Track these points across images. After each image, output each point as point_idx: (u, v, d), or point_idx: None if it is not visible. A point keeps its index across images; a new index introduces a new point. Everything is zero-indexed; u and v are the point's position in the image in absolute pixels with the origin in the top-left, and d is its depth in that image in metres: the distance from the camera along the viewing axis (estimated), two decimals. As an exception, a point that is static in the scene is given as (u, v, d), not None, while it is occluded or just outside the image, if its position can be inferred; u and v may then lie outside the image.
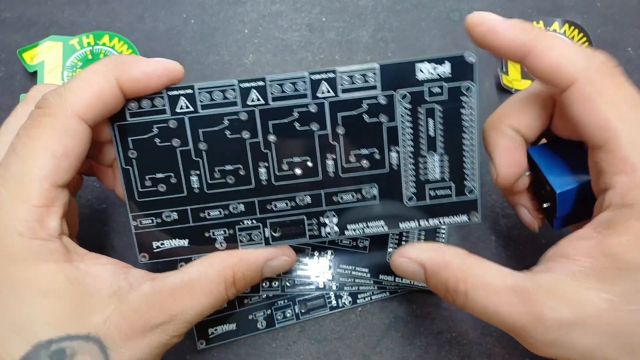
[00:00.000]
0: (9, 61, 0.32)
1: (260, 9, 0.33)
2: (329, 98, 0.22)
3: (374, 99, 0.22)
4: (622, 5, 0.34)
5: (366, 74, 0.22)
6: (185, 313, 0.21)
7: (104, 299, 0.20)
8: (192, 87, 0.21)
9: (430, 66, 0.21)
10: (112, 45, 0.31)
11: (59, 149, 0.19)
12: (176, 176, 0.22)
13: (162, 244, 0.23)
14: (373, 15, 0.33)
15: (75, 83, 0.20)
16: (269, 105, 0.22)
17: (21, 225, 0.19)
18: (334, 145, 0.22)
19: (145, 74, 0.20)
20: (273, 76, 0.21)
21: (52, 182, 0.19)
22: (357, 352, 0.29)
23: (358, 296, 0.29)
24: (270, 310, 0.29)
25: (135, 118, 0.22)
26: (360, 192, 0.23)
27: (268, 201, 0.23)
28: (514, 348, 0.29)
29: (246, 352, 0.29)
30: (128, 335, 0.19)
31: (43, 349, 0.18)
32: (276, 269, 0.24)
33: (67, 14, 0.32)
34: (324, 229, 0.23)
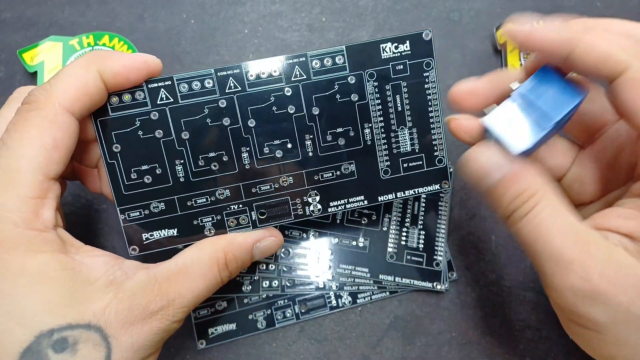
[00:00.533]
0: (9, 61, 0.32)
1: (260, 9, 0.33)
2: (302, 81, 0.23)
3: (345, 80, 0.23)
4: (622, 5, 0.34)
5: (335, 56, 0.23)
6: (182, 297, 0.21)
7: (102, 288, 0.20)
8: (171, 78, 0.22)
9: (393, 46, 0.23)
10: (112, 45, 0.31)
11: (48, 140, 0.20)
12: (161, 167, 0.23)
13: (151, 235, 0.23)
14: (373, 15, 0.33)
15: (60, 77, 0.20)
16: (246, 91, 0.23)
17: (16, 216, 0.19)
18: (311, 125, 0.23)
19: (125, 67, 0.21)
20: (248, 63, 0.23)
21: (44, 174, 0.20)
22: (357, 352, 0.29)
23: (358, 296, 0.29)
24: (270, 310, 0.29)
25: (117, 112, 0.22)
26: (339, 169, 0.24)
27: (252, 185, 0.24)
28: (514, 348, 0.29)
29: (246, 352, 0.29)
30: (128, 322, 0.20)
31: (45, 339, 0.18)
32: (265, 251, 0.24)
33: (67, 14, 0.32)
34: (308, 208, 0.24)
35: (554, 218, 0.19)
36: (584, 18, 0.21)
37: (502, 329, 0.30)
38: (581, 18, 0.21)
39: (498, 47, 0.32)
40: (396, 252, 0.29)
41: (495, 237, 0.31)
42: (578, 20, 0.21)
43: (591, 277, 0.18)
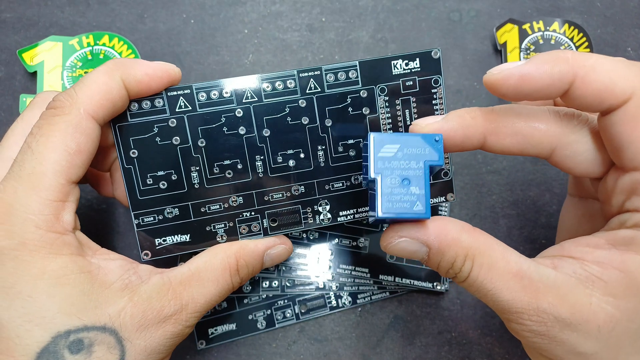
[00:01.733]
0: (9, 61, 0.32)
1: (260, 9, 0.33)
2: (316, 94, 0.23)
3: (357, 93, 0.24)
4: (622, 5, 0.34)
5: (348, 70, 0.23)
6: (195, 301, 0.22)
7: (117, 292, 0.20)
8: (191, 87, 0.23)
9: (403, 62, 0.24)
10: (112, 46, 0.31)
11: (72, 145, 0.20)
12: (177, 173, 0.23)
13: (164, 240, 0.24)
14: (373, 15, 0.33)
15: (85, 84, 0.21)
16: (262, 102, 0.23)
17: (37, 218, 0.19)
18: (323, 136, 0.24)
19: (147, 75, 0.22)
20: (264, 75, 0.23)
21: (66, 178, 0.20)
22: (357, 352, 0.29)
23: (358, 296, 0.29)
24: (270, 310, 0.29)
25: (135, 118, 0.22)
26: (349, 180, 0.24)
27: (265, 193, 0.24)
28: (514, 348, 0.29)
29: (246, 352, 0.29)
30: (142, 325, 0.20)
31: (62, 339, 0.19)
32: (275, 258, 0.25)
33: (67, 14, 0.32)
34: (318, 217, 0.24)
35: (493, 273, 0.19)
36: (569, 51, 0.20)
37: (502, 329, 0.30)
38: (566, 51, 0.20)
39: (498, 47, 0.32)
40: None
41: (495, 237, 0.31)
42: (564, 52, 0.19)
43: (546, 324, 0.19)
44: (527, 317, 0.19)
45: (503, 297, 0.19)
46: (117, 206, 0.31)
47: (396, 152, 0.20)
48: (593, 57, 0.19)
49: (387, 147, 0.20)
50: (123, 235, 0.30)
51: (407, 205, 0.19)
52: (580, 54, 0.19)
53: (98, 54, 0.31)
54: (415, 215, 0.19)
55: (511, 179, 0.31)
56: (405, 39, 0.33)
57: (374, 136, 0.20)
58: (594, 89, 0.19)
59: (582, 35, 0.32)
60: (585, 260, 0.19)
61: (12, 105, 0.31)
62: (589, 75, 0.19)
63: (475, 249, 0.20)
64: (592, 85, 0.19)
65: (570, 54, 0.19)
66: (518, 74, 0.19)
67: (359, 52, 0.32)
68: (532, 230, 0.31)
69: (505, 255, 0.20)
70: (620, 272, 0.18)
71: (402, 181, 0.19)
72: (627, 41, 0.33)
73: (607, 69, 0.19)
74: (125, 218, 0.30)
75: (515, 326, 0.20)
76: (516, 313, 0.19)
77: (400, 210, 0.19)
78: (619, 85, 0.18)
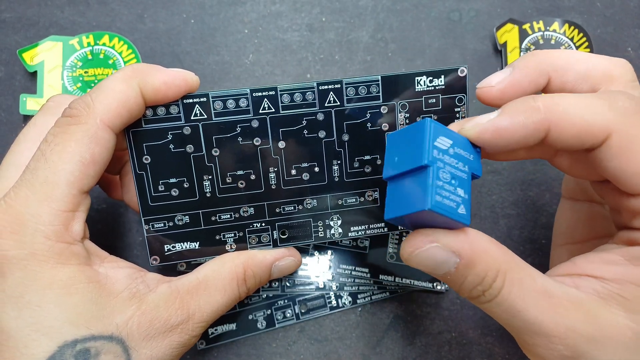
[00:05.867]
0: (9, 61, 0.32)
1: (260, 9, 0.33)
2: (335, 107, 0.23)
3: (377, 109, 0.23)
4: (622, 5, 0.34)
5: (370, 85, 0.23)
6: (202, 311, 0.22)
7: (124, 300, 0.20)
8: (207, 95, 0.22)
9: (427, 79, 0.23)
10: (112, 45, 0.31)
11: (87, 155, 0.20)
12: (189, 181, 0.23)
13: (173, 247, 0.24)
14: (373, 15, 0.33)
15: (102, 91, 0.20)
16: (279, 113, 0.23)
17: (47, 228, 0.19)
18: (340, 151, 0.23)
19: (165, 84, 0.21)
20: (284, 86, 0.23)
21: (78, 188, 0.20)
22: (357, 352, 0.29)
23: (358, 296, 0.29)
24: (270, 310, 0.29)
25: (150, 125, 0.22)
26: (363, 196, 0.24)
27: (277, 205, 0.24)
28: (514, 348, 0.29)
29: (246, 352, 0.29)
30: (149, 335, 0.20)
31: (69, 349, 0.19)
32: (283, 270, 0.25)
33: (67, 14, 0.32)
34: (329, 231, 0.24)
35: (524, 291, 0.18)
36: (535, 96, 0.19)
37: (502, 329, 0.30)
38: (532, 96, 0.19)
39: (498, 47, 0.32)
40: (396, 252, 0.29)
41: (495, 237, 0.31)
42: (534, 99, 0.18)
43: (576, 345, 0.18)
44: (558, 341, 0.18)
45: (533, 317, 0.18)
46: (117, 206, 0.31)
47: (449, 147, 0.18)
48: (564, 99, 0.18)
49: (442, 139, 0.18)
50: (123, 234, 0.30)
51: (453, 206, 0.17)
52: (550, 96, 0.18)
53: (98, 54, 0.31)
54: (458, 218, 0.17)
55: (511, 179, 0.31)
56: (405, 38, 0.33)
57: (431, 123, 0.18)
58: (571, 133, 0.18)
59: (582, 35, 0.32)
60: (604, 279, 0.19)
61: (12, 105, 0.31)
62: (563, 121, 0.18)
63: (507, 264, 0.18)
64: (568, 131, 0.18)
65: (540, 100, 0.18)
66: (492, 128, 0.18)
67: (359, 52, 0.32)
68: (532, 230, 0.31)
69: (531, 272, 0.19)
70: (638, 288, 0.18)
71: (452, 179, 0.18)
72: (627, 41, 0.33)
73: (580, 111, 0.18)
74: (124, 218, 0.30)
75: (543, 351, 0.18)
76: (547, 336, 0.18)
77: (448, 209, 0.17)
78: (596, 125, 0.18)
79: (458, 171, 0.18)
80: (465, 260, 0.18)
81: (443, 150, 0.18)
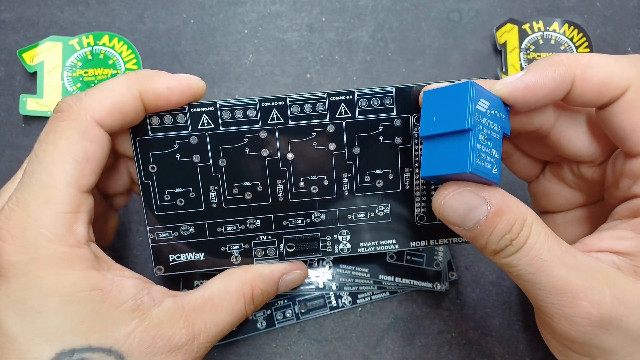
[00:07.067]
0: (9, 61, 0.32)
1: (260, 9, 0.33)
2: (346, 119, 0.22)
3: (391, 122, 0.22)
4: (622, 5, 0.34)
5: (383, 97, 0.22)
6: (208, 331, 0.21)
7: (127, 313, 0.20)
8: (215, 104, 0.22)
9: None
10: (112, 46, 0.31)
11: (79, 153, 0.19)
12: (195, 191, 0.23)
13: (178, 257, 0.23)
14: (373, 15, 0.33)
15: (98, 90, 0.20)
16: (288, 124, 0.22)
17: (49, 231, 0.19)
18: (350, 164, 0.23)
19: (168, 89, 0.21)
20: (293, 96, 0.22)
21: (77, 188, 0.19)
22: (357, 352, 0.29)
23: (358, 296, 0.29)
24: (270, 310, 0.29)
25: (157, 133, 0.22)
26: (373, 211, 0.24)
27: (284, 217, 0.23)
28: (514, 348, 0.29)
29: (246, 352, 0.29)
30: (150, 353, 0.20)
31: (66, 357, 0.18)
32: (290, 284, 0.24)
33: (67, 14, 0.32)
34: (337, 246, 0.24)
35: (549, 247, 0.18)
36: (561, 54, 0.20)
37: (502, 329, 0.30)
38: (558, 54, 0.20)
39: (498, 47, 0.32)
40: (396, 252, 0.29)
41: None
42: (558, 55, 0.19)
43: (602, 304, 0.18)
44: (583, 297, 0.18)
45: (558, 274, 0.18)
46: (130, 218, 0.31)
47: (487, 109, 0.18)
48: (587, 55, 0.19)
49: (482, 101, 0.18)
50: (122, 235, 0.30)
51: (488, 167, 0.18)
52: (574, 54, 0.19)
53: (98, 54, 0.31)
54: (492, 178, 0.18)
55: (511, 179, 0.31)
56: (405, 38, 0.33)
57: (474, 85, 0.18)
58: (593, 85, 0.19)
59: (582, 35, 0.32)
60: (620, 252, 0.19)
61: (12, 105, 0.31)
62: (587, 72, 0.19)
63: (533, 215, 0.19)
64: (591, 82, 0.19)
65: (564, 56, 0.19)
66: (522, 85, 0.19)
67: (358, 52, 0.32)
68: (532, 230, 0.31)
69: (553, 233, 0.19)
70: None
71: (488, 140, 0.18)
72: (627, 41, 0.33)
73: (603, 64, 0.19)
74: (128, 225, 0.30)
75: (569, 312, 0.18)
76: (572, 292, 0.18)
77: (485, 170, 0.18)
78: (616, 77, 0.19)
79: (493, 132, 0.19)
80: (496, 208, 0.18)
81: (482, 113, 0.18)
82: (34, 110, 0.30)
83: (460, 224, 0.19)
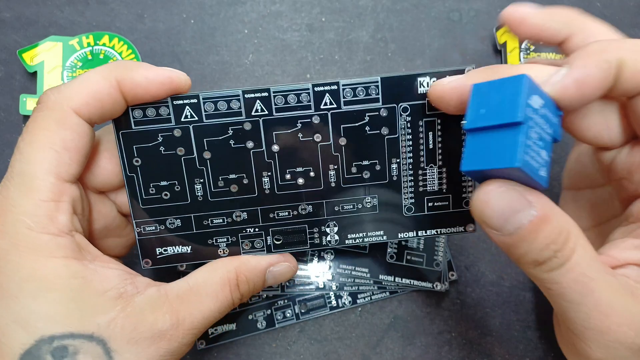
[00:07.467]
0: (8, 61, 0.32)
1: (260, 9, 0.33)
2: (331, 110, 0.22)
3: (376, 112, 0.22)
4: (621, 5, 0.34)
5: (368, 86, 0.22)
6: (192, 317, 0.21)
7: (110, 300, 0.20)
8: (197, 96, 0.22)
9: (431, 80, 0.22)
10: (112, 46, 0.31)
11: (57, 141, 0.19)
12: (180, 184, 0.23)
13: (165, 250, 0.23)
14: (373, 15, 0.33)
15: (76, 80, 0.20)
16: (272, 115, 0.22)
17: (30, 219, 0.19)
18: (336, 156, 0.23)
19: (147, 79, 0.21)
20: (277, 87, 0.22)
21: (56, 176, 0.19)
22: (357, 352, 0.29)
23: (358, 296, 0.29)
24: (270, 310, 0.29)
25: (140, 126, 0.22)
26: (360, 202, 0.23)
27: (271, 210, 0.23)
28: (514, 348, 0.29)
29: (246, 352, 0.29)
30: (133, 338, 0.19)
31: (45, 344, 0.18)
32: (278, 277, 0.24)
33: (66, 14, 0.32)
34: (325, 238, 0.24)
35: (596, 265, 0.17)
36: None
37: (502, 329, 0.30)
38: None
39: (498, 47, 0.32)
40: (396, 252, 0.29)
41: (495, 237, 0.31)
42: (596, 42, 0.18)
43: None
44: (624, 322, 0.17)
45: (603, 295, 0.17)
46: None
47: (539, 107, 0.17)
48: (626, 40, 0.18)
49: (535, 98, 0.17)
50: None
51: (536, 166, 0.17)
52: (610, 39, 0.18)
53: (98, 54, 0.31)
54: (539, 180, 0.17)
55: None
56: (405, 38, 0.33)
57: (528, 79, 0.17)
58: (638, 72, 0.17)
59: (582, 35, 0.32)
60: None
61: (11, 105, 0.31)
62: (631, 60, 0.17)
63: (579, 231, 0.17)
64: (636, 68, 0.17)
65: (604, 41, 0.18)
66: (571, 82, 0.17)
67: (358, 52, 0.32)
68: (532, 230, 0.31)
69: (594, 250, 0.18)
70: None
71: (539, 140, 0.17)
72: (627, 41, 0.33)
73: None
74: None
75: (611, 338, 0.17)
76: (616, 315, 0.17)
77: (532, 169, 0.17)
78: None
79: (544, 132, 0.17)
80: (542, 213, 0.17)
81: (535, 110, 0.17)
82: (34, 110, 0.30)
83: (500, 227, 0.17)
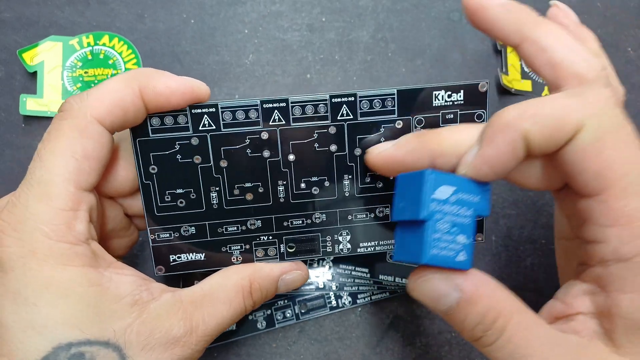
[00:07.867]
0: (9, 61, 0.32)
1: (260, 9, 0.33)
2: (348, 121, 0.22)
3: (392, 124, 0.23)
4: (622, 5, 0.34)
5: (385, 99, 0.22)
6: (206, 324, 0.21)
7: (126, 307, 0.20)
8: (216, 105, 0.22)
9: (446, 94, 0.22)
10: (112, 46, 0.31)
11: (78, 150, 0.19)
12: (196, 192, 0.23)
13: (178, 257, 0.23)
14: (373, 15, 0.33)
15: (98, 88, 0.20)
16: (290, 125, 0.22)
17: (47, 227, 0.19)
18: (351, 166, 0.23)
19: (168, 88, 0.21)
20: (295, 97, 0.22)
21: (76, 185, 0.19)
22: (357, 352, 0.29)
23: (358, 296, 0.29)
24: (270, 310, 0.29)
25: (157, 134, 0.22)
26: (374, 212, 0.24)
27: (285, 218, 0.23)
28: (513, 348, 0.29)
29: (246, 352, 0.29)
30: (148, 345, 0.20)
31: (63, 351, 0.18)
32: (290, 284, 0.24)
33: (66, 13, 0.32)
34: (338, 246, 0.24)
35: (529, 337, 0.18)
36: None
37: (502, 329, 0.30)
38: None
39: (498, 47, 0.32)
40: (396, 252, 0.29)
41: (495, 237, 0.31)
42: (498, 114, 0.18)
43: None
44: None
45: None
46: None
47: (450, 195, 0.18)
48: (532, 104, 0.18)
49: (444, 188, 0.18)
50: (123, 235, 0.30)
51: (451, 255, 0.18)
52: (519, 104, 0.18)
53: (98, 54, 0.31)
54: (457, 266, 0.18)
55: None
56: (405, 38, 0.33)
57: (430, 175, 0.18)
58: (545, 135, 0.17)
59: (582, 35, 0.32)
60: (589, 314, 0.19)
61: (11, 105, 0.31)
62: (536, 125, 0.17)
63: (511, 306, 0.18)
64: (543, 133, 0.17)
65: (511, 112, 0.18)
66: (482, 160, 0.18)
67: (359, 52, 0.32)
68: (532, 230, 0.31)
69: (536, 320, 0.18)
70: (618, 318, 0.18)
71: (452, 227, 0.18)
72: (627, 41, 0.33)
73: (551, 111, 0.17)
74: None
75: None
76: None
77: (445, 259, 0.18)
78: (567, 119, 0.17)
79: (459, 218, 0.18)
80: (467, 295, 0.18)
81: (443, 201, 0.18)
82: (34, 110, 0.30)
83: (434, 307, 0.19)
